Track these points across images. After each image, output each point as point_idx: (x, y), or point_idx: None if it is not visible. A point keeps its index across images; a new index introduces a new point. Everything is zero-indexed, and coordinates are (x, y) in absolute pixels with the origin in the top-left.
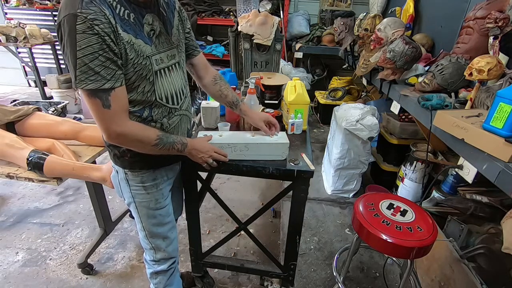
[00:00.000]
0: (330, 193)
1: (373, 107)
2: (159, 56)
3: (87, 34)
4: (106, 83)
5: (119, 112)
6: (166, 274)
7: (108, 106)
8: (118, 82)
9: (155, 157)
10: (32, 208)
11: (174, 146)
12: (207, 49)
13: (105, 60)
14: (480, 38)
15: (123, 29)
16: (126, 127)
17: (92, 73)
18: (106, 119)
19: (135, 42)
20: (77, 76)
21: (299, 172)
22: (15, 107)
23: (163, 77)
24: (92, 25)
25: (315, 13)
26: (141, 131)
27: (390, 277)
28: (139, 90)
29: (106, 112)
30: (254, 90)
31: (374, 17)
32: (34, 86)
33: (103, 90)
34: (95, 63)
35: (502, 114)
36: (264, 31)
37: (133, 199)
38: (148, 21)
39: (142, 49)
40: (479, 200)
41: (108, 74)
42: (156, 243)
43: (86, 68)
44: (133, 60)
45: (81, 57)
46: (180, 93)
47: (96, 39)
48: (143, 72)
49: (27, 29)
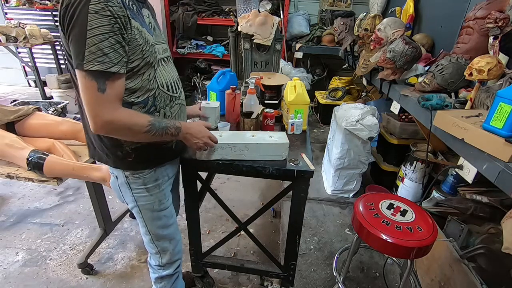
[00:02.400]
0: (330, 193)
1: (373, 107)
2: (161, 46)
3: (100, 14)
4: (113, 67)
5: (112, 98)
6: (171, 279)
7: (103, 90)
8: (123, 69)
9: (158, 154)
10: (32, 208)
11: (167, 131)
12: (207, 49)
13: (115, 43)
14: (480, 38)
15: (132, 16)
16: (114, 115)
17: (100, 54)
18: (97, 104)
19: (142, 30)
20: (85, 56)
21: (299, 172)
22: (15, 107)
23: (163, 66)
24: (107, 5)
25: (315, 13)
26: (131, 118)
27: (390, 277)
28: (144, 77)
29: (99, 96)
30: (254, 90)
31: (374, 17)
32: (34, 86)
33: (107, 74)
34: (104, 44)
35: (502, 114)
36: (264, 31)
37: (136, 203)
38: (146, 14)
39: (147, 37)
40: (479, 200)
41: (115, 58)
42: (162, 246)
43: (95, 49)
44: (141, 46)
45: (91, 37)
46: (177, 82)
47: (109, 20)
48: (150, 59)
49: (27, 29)
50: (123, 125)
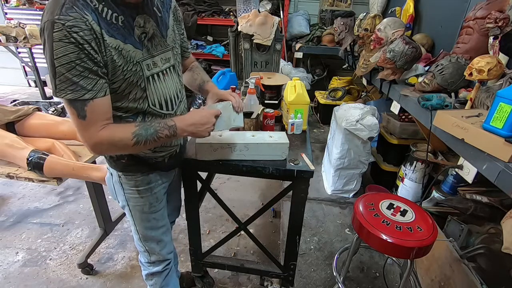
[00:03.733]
0: (330, 193)
1: (373, 107)
2: (152, 61)
3: (64, 43)
4: (86, 94)
5: (94, 121)
6: (161, 275)
7: (83, 117)
8: (101, 92)
9: (151, 163)
10: (32, 208)
11: (158, 134)
12: (207, 49)
13: (83, 70)
14: (480, 38)
15: (110, 34)
16: (97, 136)
17: (70, 83)
18: (81, 130)
19: (123, 47)
20: (57, 85)
21: (299, 172)
22: (15, 107)
23: (156, 82)
24: (70, 32)
25: (315, 13)
26: (114, 135)
27: (390, 277)
28: (130, 97)
29: (81, 123)
30: (254, 90)
31: (374, 17)
32: (34, 86)
33: (81, 101)
34: (72, 73)
35: (502, 114)
36: (264, 31)
37: (127, 202)
38: (139, 23)
39: (132, 54)
40: (479, 200)
41: (88, 84)
42: (150, 246)
43: (64, 78)
44: (121, 67)
45: (58, 66)
46: (175, 97)
47: (73, 48)
48: (134, 78)
49: (27, 29)
50: (109, 144)
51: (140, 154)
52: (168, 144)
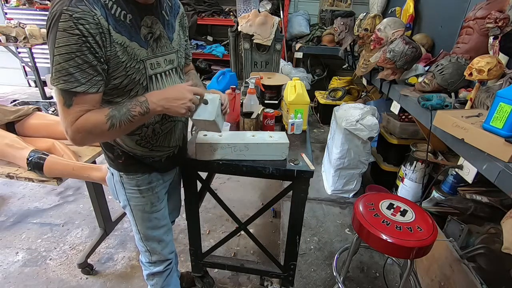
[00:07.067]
0: (330, 193)
1: (373, 107)
2: (156, 60)
3: (67, 33)
4: (78, 87)
5: (77, 113)
6: (163, 276)
7: (68, 106)
8: (94, 88)
9: (148, 162)
10: (32, 208)
11: (131, 112)
12: (207, 49)
13: (81, 63)
14: (480, 38)
15: (117, 30)
16: (75, 125)
17: (65, 73)
18: (63, 117)
19: (129, 44)
20: (52, 73)
21: (299, 172)
22: (15, 107)
23: (159, 82)
24: (76, 24)
25: (315, 13)
26: (88, 121)
27: (390, 277)
28: (131, 94)
29: (65, 110)
30: (254, 90)
31: (374, 17)
32: (34, 86)
33: (72, 92)
34: (70, 63)
35: (502, 114)
36: (264, 31)
37: (128, 202)
38: (147, 23)
39: (136, 52)
40: (479, 200)
41: (83, 77)
42: (151, 246)
43: (61, 67)
44: (125, 63)
45: (57, 55)
46: None
47: (76, 39)
48: (136, 76)
49: (27, 29)
50: (86, 131)
51: (137, 153)
52: (166, 144)
